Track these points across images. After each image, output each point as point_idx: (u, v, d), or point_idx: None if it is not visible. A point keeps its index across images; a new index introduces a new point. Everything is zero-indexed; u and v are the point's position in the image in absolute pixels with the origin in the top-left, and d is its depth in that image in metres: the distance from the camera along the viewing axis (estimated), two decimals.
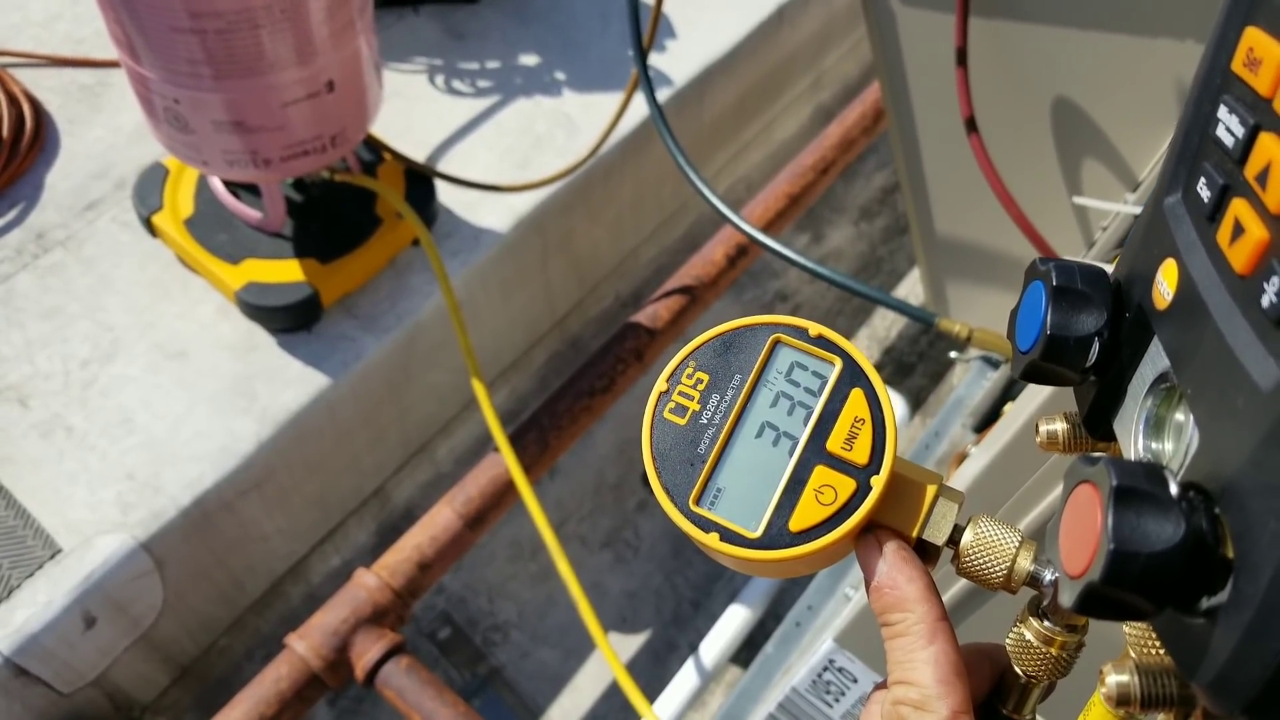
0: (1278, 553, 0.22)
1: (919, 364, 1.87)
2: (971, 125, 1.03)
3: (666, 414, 0.35)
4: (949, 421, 1.43)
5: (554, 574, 1.20)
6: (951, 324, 0.99)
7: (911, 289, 1.95)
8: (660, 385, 0.36)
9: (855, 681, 0.75)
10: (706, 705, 1.47)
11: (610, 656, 1.10)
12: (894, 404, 1.59)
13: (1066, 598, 0.26)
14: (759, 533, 0.33)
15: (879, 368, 1.86)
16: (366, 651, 1.13)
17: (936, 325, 0.99)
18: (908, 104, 1.15)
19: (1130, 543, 0.23)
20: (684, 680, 1.33)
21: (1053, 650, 0.34)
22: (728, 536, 0.33)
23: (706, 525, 0.34)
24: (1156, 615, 0.25)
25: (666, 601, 1.56)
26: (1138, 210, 1.12)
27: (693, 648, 1.40)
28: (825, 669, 0.74)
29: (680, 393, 0.35)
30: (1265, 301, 0.23)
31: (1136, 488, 0.24)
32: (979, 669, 0.36)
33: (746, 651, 1.40)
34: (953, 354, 1.53)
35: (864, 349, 1.88)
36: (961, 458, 1.32)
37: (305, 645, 1.12)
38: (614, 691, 1.45)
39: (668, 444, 0.35)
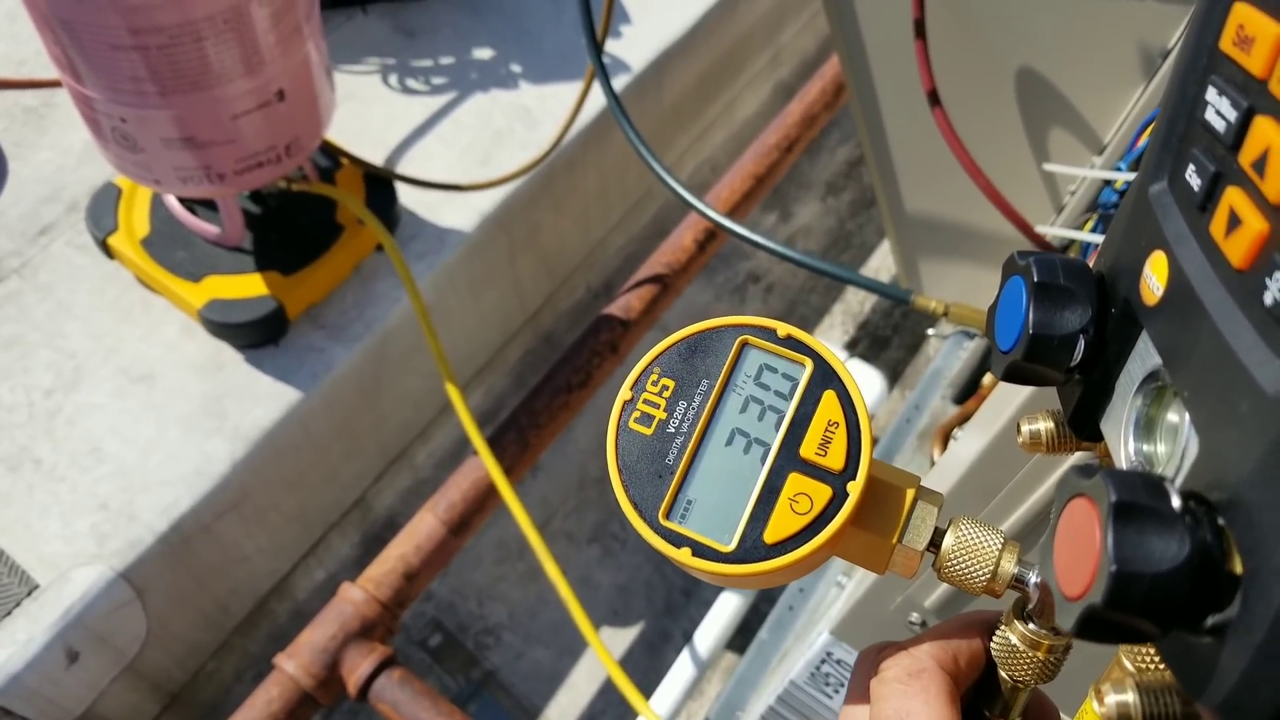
0: None
1: (894, 336, 1.87)
2: (934, 98, 1.02)
3: (632, 424, 0.33)
4: (928, 394, 1.43)
5: (543, 572, 1.19)
6: (927, 301, 0.98)
7: (883, 261, 1.94)
8: (624, 394, 0.34)
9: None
10: (704, 693, 1.47)
11: (603, 654, 1.09)
12: (872, 379, 1.59)
13: (1065, 621, 0.24)
14: (733, 546, 0.32)
15: (854, 342, 1.86)
16: (357, 666, 1.11)
17: (912, 303, 0.98)
18: (868, 78, 1.14)
19: (1133, 563, 0.22)
20: (680, 670, 1.32)
21: (1039, 654, 0.32)
22: (700, 551, 0.32)
23: (678, 540, 0.32)
24: (1161, 638, 0.23)
25: (658, 592, 1.56)
26: (1105, 174, 1.12)
27: (686, 636, 1.39)
28: (823, 661, 0.74)
29: (645, 401, 0.34)
30: (1269, 299, 0.22)
31: (1137, 503, 0.22)
32: (970, 635, 0.35)
33: (741, 637, 1.40)
34: (929, 331, 1.53)
35: (839, 324, 1.88)
36: (945, 432, 1.31)
37: (295, 664, 1.10)
38: (611, 687, 1.45)
39: (634, 456, 0.33)
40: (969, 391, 1.41)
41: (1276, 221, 0.22)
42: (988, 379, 1.35)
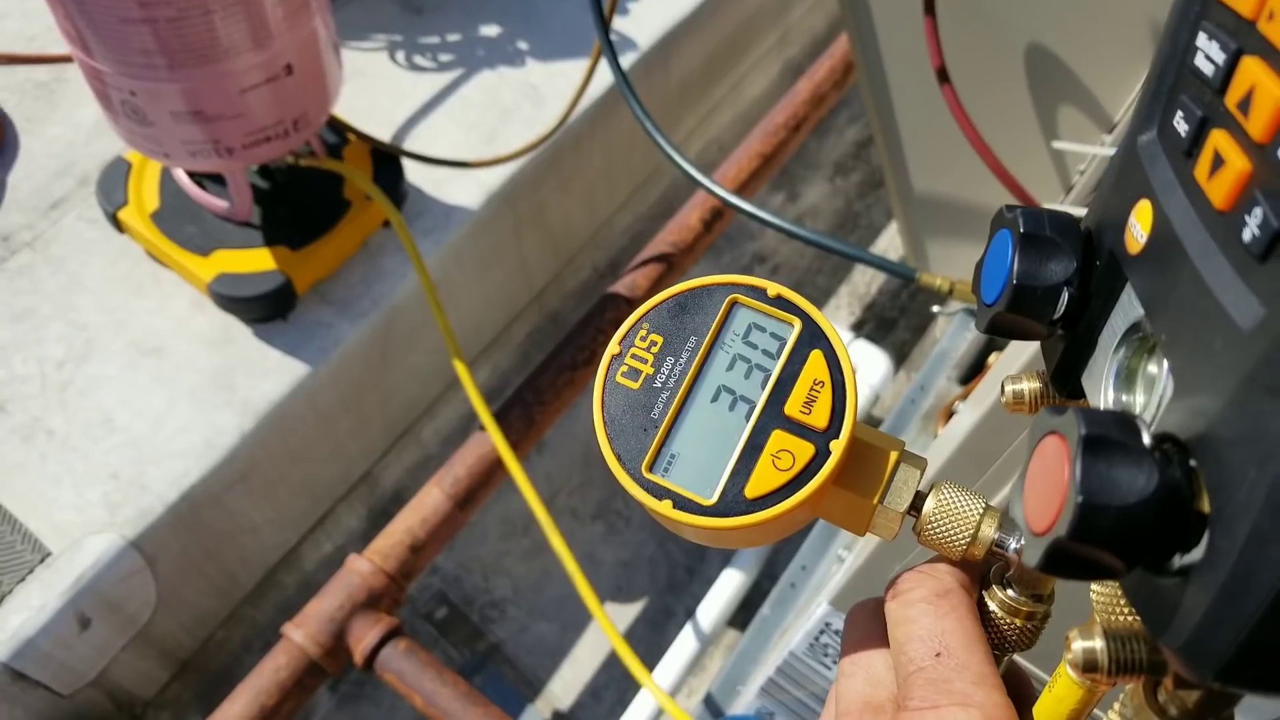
0: (1257, 504, 0.20)
1: (901, 318, 1.87)
2: (943, 75, 1.01)
3: (619, 378, 0.34)
4: (934, 375, 1.43)
5: (547, 548, 1.20)
6: (932, 278, 0.99)
7: (890, 242, 1.94)
8: (612, 348, 0.34)
9: None
10: (706, 669, 1.48)
11: (608, 627, 1.10)
12: (878, 360, 1.59)
13: (1031, 556, 0.24)
14: (714, 500, 0.32)
15: (860, 324, 1.86)
16: (364, 636, 1.12)
17: (917, 280, 0.99)
18: (877, 56, 1.13)
19: (1100, 495, 0.22)
20: (682, 646, 1.34)
21: (1018, 621, 0.32)
22: (681, 504, 0.32)
23: (660, 492, 0.32)
24: (1126, 574, 0.23)
25: (661, 569, 1.57)
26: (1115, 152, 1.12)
27: (689, 613, 1.40)
28: (822, 632, 0.74)
29: (633, 355, 0.34)
30: (1247, 235, 0.22)
31: (1107, 436, 0.22)
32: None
33: (743, 614, 1.41)
34: (935, 308, 1.53)
35: (845, 306, 1.88)
36: (948, 411, 1.32)
37: (302, 634, 1.11)
38: (614, 661, 1.46)
39: (620, 409, 0.34)
40: (974, 372, 1.41)
41: (1259, 160, 0.22)
42: (992, 359, 1.35)
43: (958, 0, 1.05)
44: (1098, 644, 0.27)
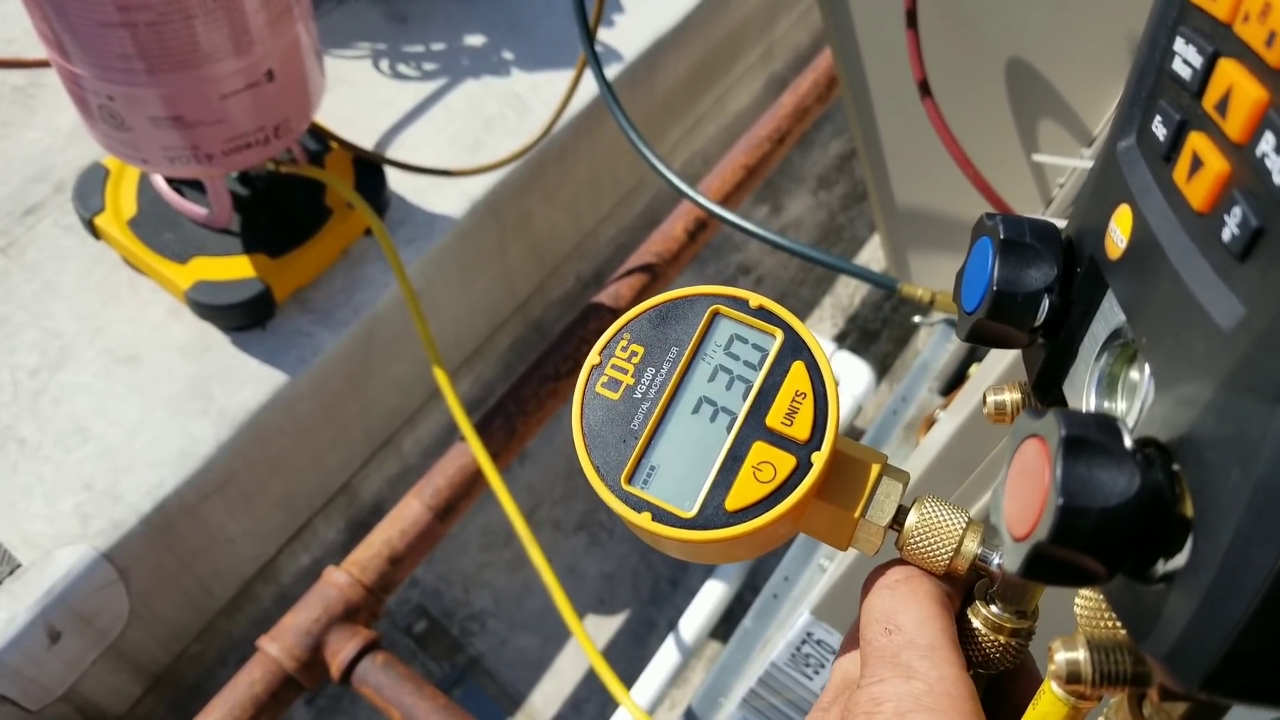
0: (1240, 505, 0.20)
1: (883, 330, 1.88)
2: (925, 89, 1.02)
3: (599, 388, 0.33)
4: (915, 386, 1.44)
5: (529, 560, 1.19)
6: (914, 289, 0.99)
7: (873, 255, 1.95)
8: (592, 359, 0.34)
9: (834, 653, 0.75)
10: (688, 681, 1.47)
11: (585, 642, 1.09)
12: (861, 372, 1.59)
13: (1012, 562, 0.24)
14: (694, 512, 0.31)
15: (843, 336, 1.86)
16: (341, 650, 1.11)
17: (899, 291, 0.99)
18: (860, 70, 1.14)
19: (1081, 497, 0.22)
20: (664, 658, 1.33)
21: (1001, 638, 0.32)
22: (661, 516, 0.32)
23: (639, 505, 0.32)
24: (1109, 579, 0.23)
25: (644, 581, 1.56)
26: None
27: (672, 625, 1.39)
28: (803, 642, 0.74)
29: (614, 366, 0.34)
30: (1226, 235, 0.21)
31: (1087, 438, 0.22)
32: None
33: (725, 626, 1.40)
34: (916, 319, 1.53)
35: (828, 317, 1.88)
36: (930, 422, 1.32)
37: (278, 647, 1.10)
38: (595, 674, 1.45)
39: (599, 420, 0.33)
40: (955, 383, 1.41)
41: (1237, 160, 0.22)
42: (973, 369, 1.36)
43: (940, 15, 1.06)
44: (1081, 655, 0.26)
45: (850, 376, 1.59)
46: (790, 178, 2.05)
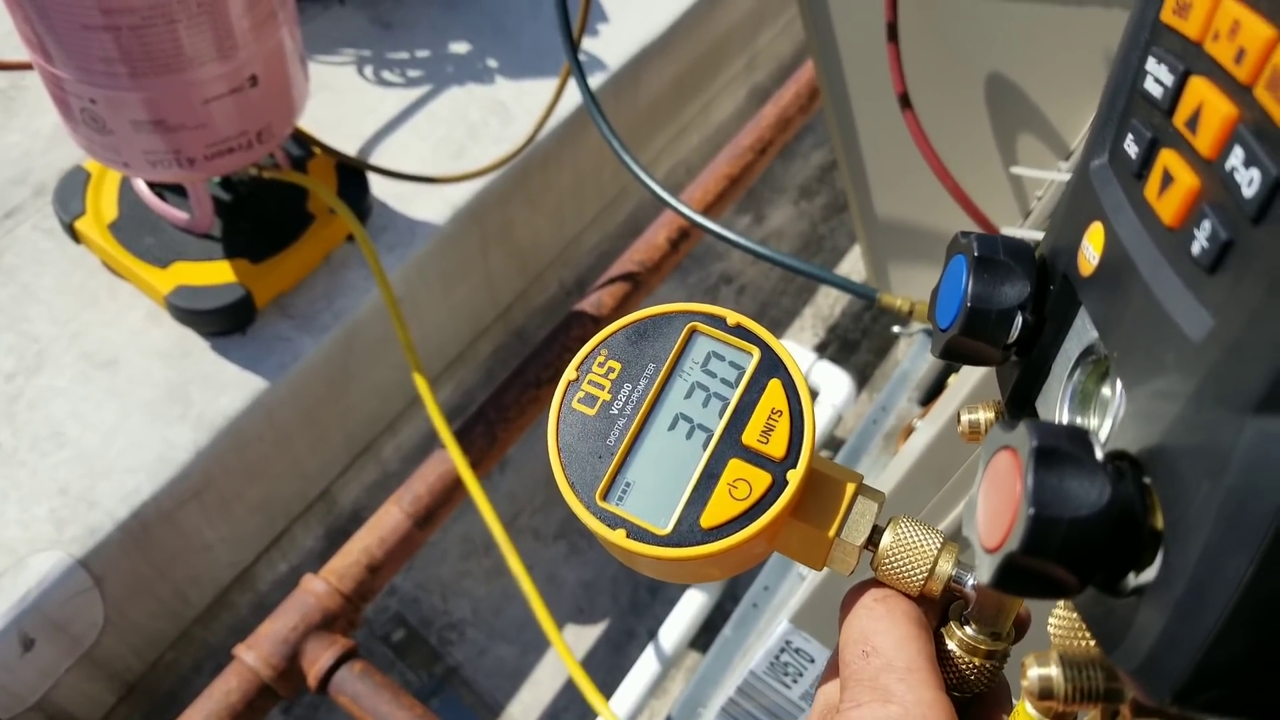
0: (1210, 516, 0.20)
1: (863, 340, 1.89)
2: (905, 101, 1.03)
3: (575, 404, 0.34)
4: (895, 396, 1.45)
5: (508, 568, 1.19)
6: (893, 299, 1.00)
7: (854, 265, 1.96)
8: (569, 374, 0.34)
9: (813, 661, 0.75)
10: (668, 691, 1.47)
11: (564, 653, 1.09)
12: (841, 382, 1.60)
13: (984, 573, 0.24)
14: (669, 529, 0.31)
15: (824, 345, 1.87)
16: (318, 659, 1.10)
17: (878, 301, 1.00)
18: (841, 82, 1.15)
19: (1052, 507, 0.22)
20: (644, 668, 1.33)
21: (977, 660, 0.32)
22: (635, 533, 0.32)
23: (613, 521, 0.32)
24: (1080, 591, 0.23)
25: (624, 589, 1.56)
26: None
27: (651, 634, 1.39)
28: (782, 650, 0.74)
29: (590, 381, 0.34)
30: (1195, 249, 0.22)
31: (1059, 449, 0.22)
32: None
33: (705, 636, 1.40)
34: (896, 329, 1.54)
35: (809, 327, 1.89)
36: (909, 431, 1.33)
37: (254, 655, 1.09)
38: (574, 684, 1.44)
39: (575, 435, 0.33)
40: (934, 393, 1.42)
41: (1207, 175, 0.22)
42: (952, 380, 1.37)
43: (920, 29, 1.07)
44: (1054, 671, 0.27)
45: (830, 386, 1.60)
46: (772, 188, 2.06)
